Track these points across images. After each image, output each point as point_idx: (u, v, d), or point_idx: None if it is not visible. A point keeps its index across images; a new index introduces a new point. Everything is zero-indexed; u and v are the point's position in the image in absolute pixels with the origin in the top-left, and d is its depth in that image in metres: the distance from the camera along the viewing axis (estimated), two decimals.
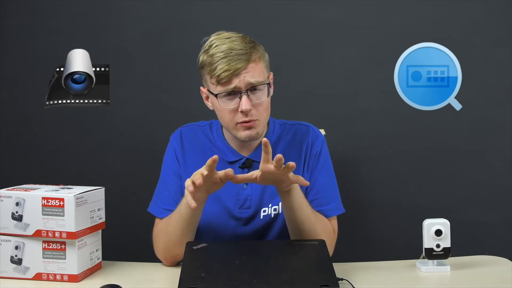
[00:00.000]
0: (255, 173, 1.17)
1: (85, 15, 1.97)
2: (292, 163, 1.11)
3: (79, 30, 1.98)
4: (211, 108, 1.36)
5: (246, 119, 1.28)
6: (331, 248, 1.32)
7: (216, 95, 1.28)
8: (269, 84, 1.31)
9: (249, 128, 1.29)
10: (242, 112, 1.27)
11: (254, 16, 1.90)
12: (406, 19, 1.89)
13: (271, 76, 1.36)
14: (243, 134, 1.30)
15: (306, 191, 1.36)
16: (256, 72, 1.28)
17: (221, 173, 1.17)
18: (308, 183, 1.20)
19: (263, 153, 1.14)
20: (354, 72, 1.92)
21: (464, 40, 1.87)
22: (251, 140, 1.33)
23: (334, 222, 1.37)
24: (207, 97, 1.35)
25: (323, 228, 1.30)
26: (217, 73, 1.25)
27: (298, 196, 1.24)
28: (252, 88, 1.28)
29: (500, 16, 1.86)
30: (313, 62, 1.92)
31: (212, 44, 1.28)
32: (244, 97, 1.26)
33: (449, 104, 1.88)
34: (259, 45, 1.33)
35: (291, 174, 1.16)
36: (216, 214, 1.35)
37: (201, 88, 1.36)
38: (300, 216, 1.25)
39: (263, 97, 1.29)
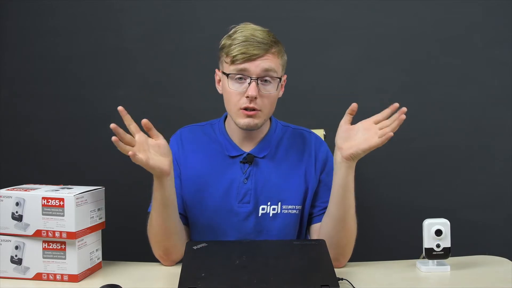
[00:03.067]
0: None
1: (85, 15, 1.97)
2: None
3: (79, 30, 1.98)
4: (220, 91, 1.38)
5: (250, 105, 1.29)
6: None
7: (228, 75, 1.31)
8: (280, 79, 1.33)
9: (250, 116, 1.30)
10: (247, 97, 1.28)
11: (254, 16, 1.88)
12: (406, 19, 1.89)
13: (285, 78, 1.38)
14: (242, 121, 1.31)
15: (316, 195, 1.38)
16: (272, 63, 1.30)
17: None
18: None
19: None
20: (354, 72, 1.92)
21: (464, 40, 1.87)
22: (249, 129, 1.33)
23: None
24: (219, 81, 1.37)
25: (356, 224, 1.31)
26: (234, 54, 1.28)
27: (352, 181, 1.25)
28: (263, 78, 1.29)
29: (500, 16, 1.86)
30: (313, 62, 1.92)
31: (236, 30, 1.32)
32: (253, 84, 1.28)
33: (449, 104, 1.88)
34: (281, 44, 1.36)
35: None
36: (216, 208, 1.36)
37: (216, 70, 1.38)
38: (349, 201, 1.26)
39: (272, 90, 1.31)
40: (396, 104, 1.24)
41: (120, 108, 1.18)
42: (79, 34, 1.98)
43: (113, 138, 1.16)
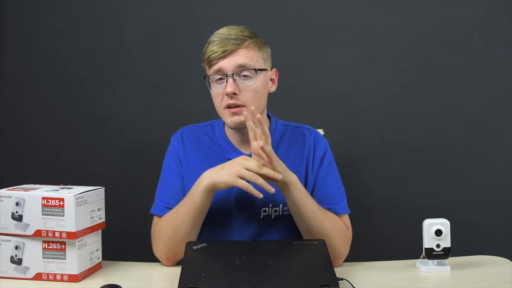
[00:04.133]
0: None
1: (85, 15, 1.97)
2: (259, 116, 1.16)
3: (79, 30, 1.98)
4: None
5: (231, 102, 1.29)
6: (347, 245, 1.33)
7: (207, 78, 1.33)
8: (256, 70, 1.31)
9: (235, 113, 1.31)
10: (227, 95, 1.29)
11: (254, 16, 1.90)
12: (406, 19, 1.89)
13: (275, 72, 1.38)
14: (229, 120, 1.32)
15: (312, 192, 1.36)
16: (247, 57, 1.30)
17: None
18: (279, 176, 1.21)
19: (249, 130, 1.21)
20: (354, 72, 1.92)
21: (464, 40, 1.87)
22: (238, 127, 1.33)
23: (346, 218, 1.37)
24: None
25: (333, 226, 1.30)
26: (207, 55, 1.31)
27: (299, 192, 1.24)
28: (240, 73, 1.30)
29: (500, 16, 1.86)
30: (313, 62, 1.92)
31: (214, 33, 1.34)
32: (230, 80, 1.29)
33: (449, 104, 1.88)
34: (259, 38, 1.36)
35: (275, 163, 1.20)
36: (217, 211, 1.35)
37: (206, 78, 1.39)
38: (305, 213, 1.25)
39: (251, 83, 1.30)
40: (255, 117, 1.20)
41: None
42: (79, 34, 1.98)
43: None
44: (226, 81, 1.29)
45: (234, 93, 1.29)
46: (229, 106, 1.30)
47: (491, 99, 1.88)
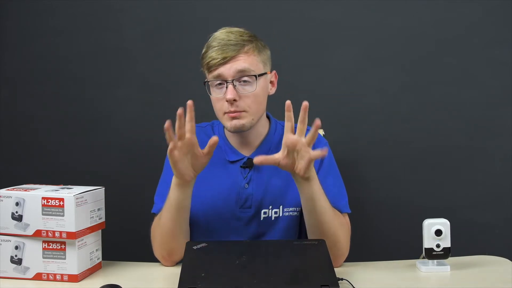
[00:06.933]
0: (277, 155, 1.17)
1: (85, 15, 1.97)
2: (318, 122, 1.12)
3: (79, 30, 1.98)
4: None
5: (231, 109, 1.29)
6: (349, 244, 1.32)
7: (206, 83, 1.33)
8: (256, 76, 1.30)
9: (235, 118, 1.30)
10: (227, 101, 1.28)
11: (254, 16, 1.90)
12: (406, 19, 1.89)
13: (274, 74, 1.37)
14: (229, 124, 1.31)
15: None
16: (247, 63, 1.29)
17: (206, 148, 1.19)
18: (326, 150, 1.18)
19: (286, 121, 1.15)
20: (354, 72, 1.92)
21: (464, 40, 1.87)
22: (238, 131, 1.33)
23: (347, 218, 1.37)
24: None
25: (341, 223, 1.30)
26: (207, 61, 1.30)
27: (318, 187, 1.23)
28: (240, 79, 1.29)
29: (500, 16, 1.86)
30: (313, 62, 1.92)
31: (212, 36, 1.32)
32: (230, 86, 1.28)
33: (449, 104, 1.88)
34: (259, 40, 1.34)
35: (311, 152, 1.15)
36: (217, 213, 1.35)
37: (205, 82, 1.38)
38: (320, 208, 1.24)
39: (251, 89, 1.30)
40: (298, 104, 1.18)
41: (190, 103, 1.16)
42: (79, 34, 1.98)
43: (167, 123, 1.14)
44: (226, 87, 1.29)
45: (234, 100, 1.28)
46: (228, 112, 1.30)
47: (491, 99, 1.88)
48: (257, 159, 1.18)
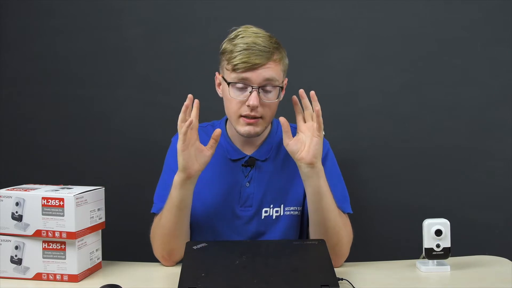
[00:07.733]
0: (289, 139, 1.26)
1: (85, 15, 1.97)
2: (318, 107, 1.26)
3: (79, 30, 1.98)
4: (220, 95, 1.37)
5: (251, 114, 1.29)
6: (350, 245, 1.32)
7: (229, 83, 1.29)
8: (281, 88, 1.32)
9: (250, 124, 1.30)
10: (248, 106, 1.27)
11: (254, 16, 1.89)
12: (406, 19, 1.89)
13: (286, 81, 1.38)
14: (242, 129, 1.31)
15: None
16: (274, 72, 1.29)
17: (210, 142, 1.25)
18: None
19: (296, 115, 1.29)
20: (354, 72, 1.92)
21: (464, 40, 1.87)
22: (249, 137, 1.33)
23: (349, 219, 1.37)
24: (220, 84, 1.36)
25: (344, 223, 1.30)
26: (235, 62, 1.26)
27: (324, 182, 1.24)
28: (264, 86, 1.28)
29: (500, 16, 1.86)
30: (313, 62, 1.92)
31: (238, 35, 1.30)
32: (255, 93, 1.27)
33: (449, 104, 1.88)
34: (283, 48, 1.35)
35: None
36: (218, 211, 1.36)
37: (216, 73, 1.38)
38: (325, 204, 1.25)
39: (273, 98, 1.30)
40: (309, 93, 1.28)
41: (197, 101, 1.24)
42: (79, 34, 1.98)
43: (187, 102, 1.21)
44: (250, 92, 1.27)
45: (256, 106, 1.28)
46: (246, 116, 1.29)
47: (491, 99, 1.88)
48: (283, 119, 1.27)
